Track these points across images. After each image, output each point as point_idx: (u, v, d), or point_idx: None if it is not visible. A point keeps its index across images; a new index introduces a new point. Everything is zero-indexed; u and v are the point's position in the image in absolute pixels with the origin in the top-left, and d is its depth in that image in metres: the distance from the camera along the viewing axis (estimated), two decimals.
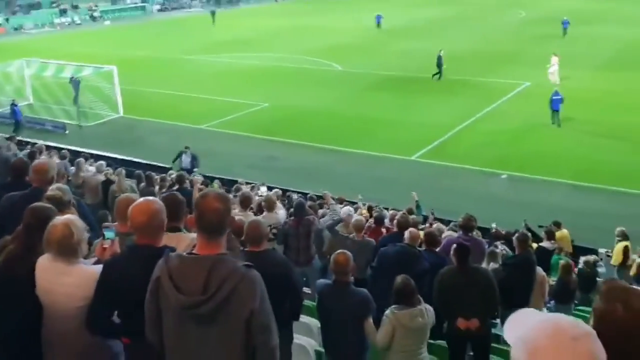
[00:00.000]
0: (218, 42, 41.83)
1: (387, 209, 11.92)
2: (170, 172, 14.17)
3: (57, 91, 26.39)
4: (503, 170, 17.50)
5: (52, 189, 4.70)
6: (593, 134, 20.13)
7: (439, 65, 28.64)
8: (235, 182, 14.35)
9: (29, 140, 17.72)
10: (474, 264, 6.15)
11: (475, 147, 19.51)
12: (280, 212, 8.94)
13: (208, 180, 14.38)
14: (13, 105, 22.85)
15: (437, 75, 28.66)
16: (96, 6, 63.31)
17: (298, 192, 13.96)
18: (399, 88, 27.68)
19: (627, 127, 20.46)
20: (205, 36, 46.01)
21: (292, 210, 8.77)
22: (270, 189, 13.13)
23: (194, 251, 2.88)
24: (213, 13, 56.41)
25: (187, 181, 9.96)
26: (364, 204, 12.85)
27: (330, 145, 20.34)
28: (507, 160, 18.23)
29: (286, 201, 11.87)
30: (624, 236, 11.21)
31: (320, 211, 10.53)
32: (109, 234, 3.67)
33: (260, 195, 11.02)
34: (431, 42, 37.65)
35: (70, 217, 3.60)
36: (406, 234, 6.92)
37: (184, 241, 3.64)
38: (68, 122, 23.93)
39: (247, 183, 14.21)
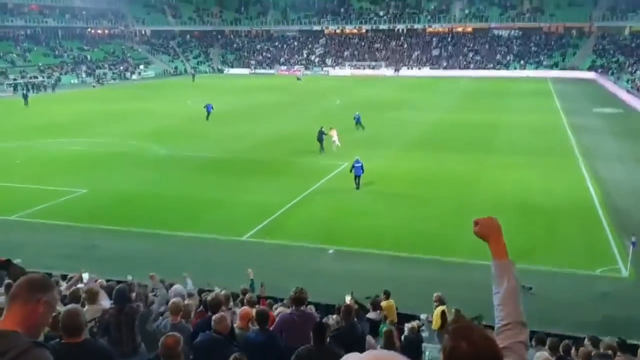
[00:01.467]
0: (31, 127, 39.20)
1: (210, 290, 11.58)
2: None
3: None
4: (330, 246, 18.06)
5: None
6: (407, 207, 21.72)
7: (320, 139, 31.34)
8: (50, 275, 13.08)
9: None
10: (332, 344, 6.10)
11: (303, 225, 20.01)
12: (104, 303, 8.26)
13: None
14: None
15: (320, 149, 31.32)
16: None
17: (122, 281, 13.08)
18: (225, 170, 27.82)
19: (434, 200, 22.46)
20: (16, 122, 42.93)
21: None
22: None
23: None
24: (25, 96, 53.21)
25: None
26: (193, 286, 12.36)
27: (155, 229, 19.58)
28: (333, 235, 18.89)
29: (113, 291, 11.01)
30: (441, 301, 11.96)
31: (150, 296, 9.93)
32: None
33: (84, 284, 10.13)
34: (256, 125, 38.79)
35: None
36: (214, 318, 6.73)
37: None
38: None
39: (64, 275, 13.02)
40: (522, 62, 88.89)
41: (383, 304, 11.90)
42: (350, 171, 24.38)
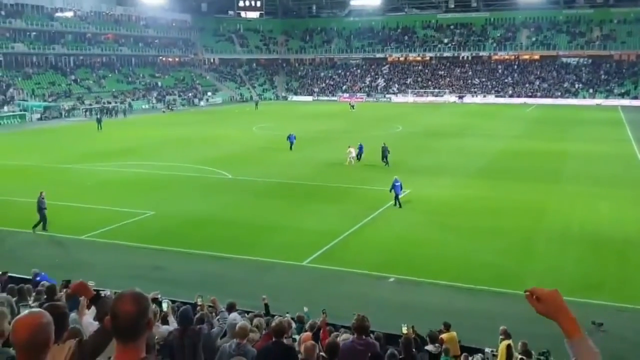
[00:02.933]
0: (103, 151, 40.93)
1: (273, 315, 11.66)
2: (43, 283, 13.11)
3: None
4: (390, 274, 17.89)
5: None
6: (471, 237, 21.28)
7: (385, 156, 34.68)
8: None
9: None
10: None
11: (364, 252, 19.92)
12: (165, 326, 8.47)
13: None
14: None
15: (386, 163, 34.57)
16: None
17: (187, 303, 13.36)
18: (288, 195, 28.14)
19: (499, 230, 21.93)
20: (89, 145, 44.94)
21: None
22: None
23: (111, 358, 2.63)
24: (99, 121, 55.73)
25: (63, 289, 9.24)
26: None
27: (218, 252, 19.94)
28: (393, 264, 18.71)
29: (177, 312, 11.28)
30: (507, 335, 11.63)
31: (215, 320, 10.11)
32: None
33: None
34: (318, 151, 39.10)
35: None
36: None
37: (62, 351, 3.31)
38: None
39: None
40: (591, 90, 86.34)
41: (444, 336, 11.66)
42: (390, 191, 25.58)
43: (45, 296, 9.15)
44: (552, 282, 17.01)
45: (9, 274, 14.68)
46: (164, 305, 9.41)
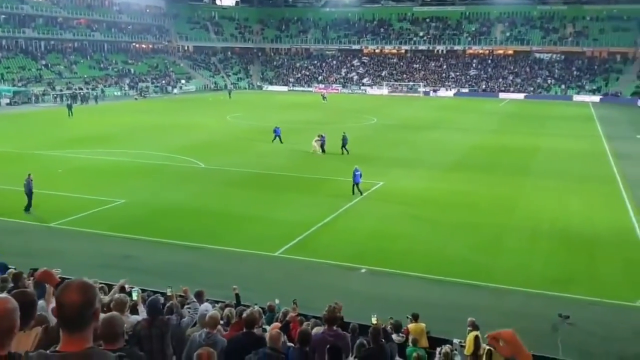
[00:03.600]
0: (74, 138, 40.25)
1: (247, 305, 11.61)
2: (9, 270, 12.86)
3: None
4: (362, 265, 17.97)
5: None
6: (443, 231, 21.48)
7: (344, 144, 35.84)
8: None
9: None
10: None
11: (336, 243, 19.97)
12: (134, 316, 8.37)
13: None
14: None
15: (345, 151, 35.78)
16: None
17: (157, 292, 13.24)
18: (260, 186, 28.04)
19: (472, 224, 22.17)
20: (60, 131, 44.16)
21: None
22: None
23: (57, 348, 2.59)
24: (70, 107, 54.79)
25: (30, 278, 9.08)
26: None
27: (191, 242, 19.80)
28: (365, 255, 18.80)
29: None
30: (474, 326, 11.76)
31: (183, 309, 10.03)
32: None
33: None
34: (291, 142, 39.03)
35: None
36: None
37: (28, 338, 3.25)
38: None
39: (100, 283, 13.23)
40: (563, 86, 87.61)
41: (411, 326, 11.78)
42: (353, 179, 26.30)
43: (11, 284, 8.98)
44: (522, 276, 17.30)
45: None
46: (134, 294, 9.31)
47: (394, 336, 10.81)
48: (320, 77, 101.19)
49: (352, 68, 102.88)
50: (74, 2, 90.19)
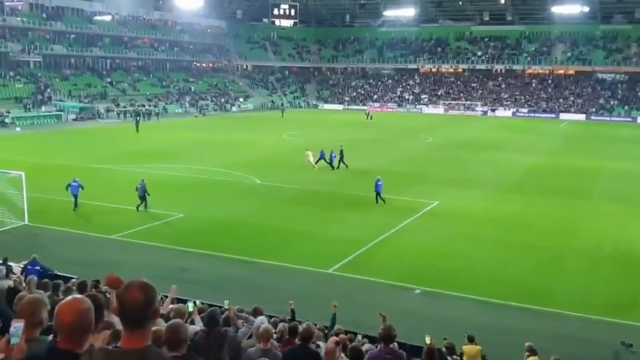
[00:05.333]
0: (136, 153, 41.56)
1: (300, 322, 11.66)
2: (73, 280, 13.35)
3: None
4: (416, 285, 17.77)
5: None
6: (500, 252, 21.01)
7: (341, 159, 36.97)
8: None
9: None
10: None
11: (390, 262, 19.83)
12: (192, 326, 8.53)
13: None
14: None
15: (344, 165, 36.80)
16: (8, 112, 61.85)
17: (212, 305, 13.46)
18: (315, 202, 28.19)
19: (529, 246, 21.61)
20: (123, 146, 45.70)
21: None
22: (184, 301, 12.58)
23: (118, 345, 2.73)
24: (137, 123, 56.80)
25: (93, 289, 9.42)
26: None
27: (245, 256, 20.06)
28: (420, 275, 18.58)
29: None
30: (532, 351, 11.44)
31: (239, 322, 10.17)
32: (17, 329, 3.17)
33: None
34: (348, 160, 39.14)
35: None
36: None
37: (97, 340, 3.41)
38: None
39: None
40: (627, 107, 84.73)
41: (466, 347, 11.56)
42: (375, 188, 27.63)
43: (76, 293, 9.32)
44: (583, 300, 16.73)
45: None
46: (190, 306, 9.50)
47: (448, 358, 10.63)
48: (375, 96, 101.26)
49: (408, 87, 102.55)
50: (138, 23, 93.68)
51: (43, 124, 62.53)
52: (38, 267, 15.55)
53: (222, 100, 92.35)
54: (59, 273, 16.00)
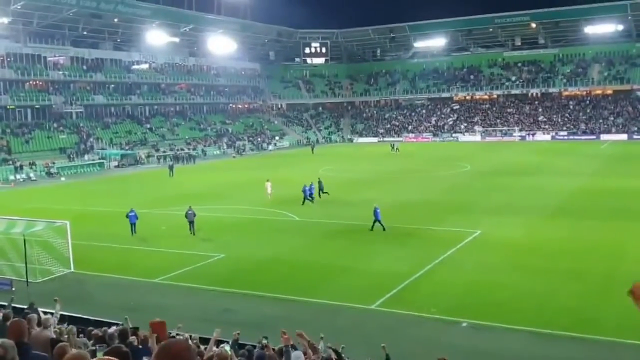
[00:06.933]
0: (174, 196, 42.19)
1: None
2: (113, 327, 13.43)
3: (7, 247, 25.54)
4: (463, 319, 17.33)
5: None
6: (547, 280, 20.41)
7: (320, 189, 38.28)
8: (190, 337, 13.64)
9: None
10: None
11: (434, 295, 19.43)
12: None
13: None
14: None
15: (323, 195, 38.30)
16: (53, 163, 63.85)
17: (255, 345, 13.35)
18: (353, 237, 28.00)
19: (577, 272, 20.93)
20: (161, 190, 46.52)
21: None
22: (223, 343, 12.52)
23: None
24: (171, 167, 57.77)
25: (133, 336, 9.44)
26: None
27: (288, 295, 19.94)
28: (465, 308, 18.13)
29: (246, 354, 11.30)
30: None
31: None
32: None
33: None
34: (384, 192, 38.96)
35: None
36: None
37: None
38: (16, 278, 22.95)
39: (202, 338, 13.54)
40: None
41: None
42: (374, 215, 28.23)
43: (117, 340, 9.32)
44: (635, 326, 16.00)
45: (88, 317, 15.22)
46: (227, 348, 9.45)
47: None
48: (410, 127, 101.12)
49: (443, 116, 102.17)
50: (175, 69, 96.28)
51: (86, 172, 64.24)
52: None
53: (259, 139, 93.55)
54: (103, 320, 16.15)
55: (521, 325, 16.58)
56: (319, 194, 38.35)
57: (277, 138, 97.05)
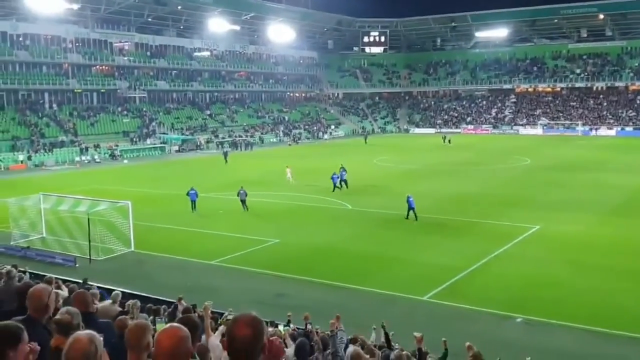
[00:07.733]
0: (231, 182, 42.92)
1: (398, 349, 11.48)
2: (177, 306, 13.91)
3: (72, 225, 26.72)
4: (517, 314, 17.06)
5: (62, 312, 4.58)
6: (605, 278, 19.85)
7: (343, 180, 38.04)
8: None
9: (37, 272, 17.66)
10: None
11: (488, 289, 19.20)
12: (287, 351, 8.66)
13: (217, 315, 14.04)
14: None
15: (339, 188, 37.58)
16: (116, 145, 66.03)
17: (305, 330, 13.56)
18: (407, 227, 27.87)
19: (636, 272, 20.23)
20: (220, 176, 47.42)
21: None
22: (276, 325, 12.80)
23: None
24: (226, 154, 58.79)
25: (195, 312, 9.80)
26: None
27: (340, 282, 20.11)
28: (521, 303, 17.84)
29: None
30: None
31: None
32: None
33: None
34: (441, 184, 38.52)
35: (93, 333, 3.41)
36: None
37: None
38: (79, 255, 23.98)
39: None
40: None
41: None
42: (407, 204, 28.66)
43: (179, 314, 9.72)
44: None
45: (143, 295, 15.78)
46: (281, 329, 9.65)
47: None
48: (469, 118, 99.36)
49: (503, 108, 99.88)
50: (235, 57, 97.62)
51: (148, 155, 66.16)
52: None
53: (315, 128, 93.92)
54: (161, 298, 16.72)
55: (577, 322, 16.22)
56: (340, 183, 38.00)
57: (332, 127, 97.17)
